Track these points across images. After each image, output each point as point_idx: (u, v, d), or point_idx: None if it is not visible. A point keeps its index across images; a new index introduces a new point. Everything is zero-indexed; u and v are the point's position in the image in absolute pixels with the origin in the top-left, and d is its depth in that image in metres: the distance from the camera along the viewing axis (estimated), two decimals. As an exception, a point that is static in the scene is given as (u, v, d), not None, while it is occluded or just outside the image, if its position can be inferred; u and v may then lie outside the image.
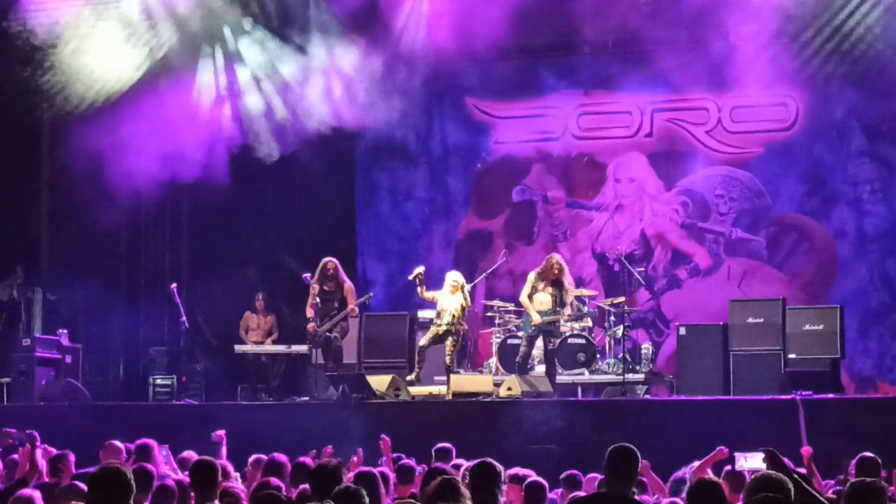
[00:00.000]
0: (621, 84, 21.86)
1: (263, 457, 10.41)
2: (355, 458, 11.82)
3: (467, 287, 18.22)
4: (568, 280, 17.91)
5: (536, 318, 17.58)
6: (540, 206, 22.48)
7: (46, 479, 10.53)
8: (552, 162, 22.47)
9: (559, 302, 17.69)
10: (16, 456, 10.94)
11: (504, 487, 8.44)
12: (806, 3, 19.98)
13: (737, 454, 10.12)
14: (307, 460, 10.52)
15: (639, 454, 7.78)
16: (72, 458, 11.05)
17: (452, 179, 22.88)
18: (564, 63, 22.39)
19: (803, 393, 15.80)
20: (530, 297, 17.73)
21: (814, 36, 20.45)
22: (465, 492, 7.82)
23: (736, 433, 13.60)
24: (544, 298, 17.65)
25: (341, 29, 21.31)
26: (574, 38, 22.09)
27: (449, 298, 17.75)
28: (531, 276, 17.96)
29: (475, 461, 8.25)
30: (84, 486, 8.07)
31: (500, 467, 8.19)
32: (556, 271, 17.71)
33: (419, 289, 17.92)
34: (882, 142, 20.95)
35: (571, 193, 22.41)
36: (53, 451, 11.41)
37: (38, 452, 10.81)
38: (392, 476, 10.43)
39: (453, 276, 17.93)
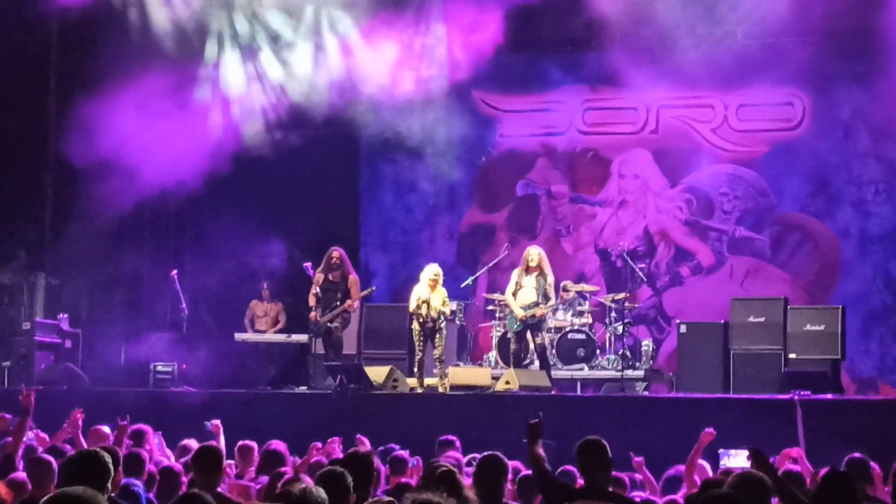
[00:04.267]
0: (627, 80, 21.79)
1: (250, 443, 10.39)
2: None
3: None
4: (549, 270, 17.87)
5: (519, 313, 17.57)
6: (543, 200, 22.46)
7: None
8: (557, 156, 22.46)
9: (543, 295, 17.66)
10: (9, 440, 10.91)
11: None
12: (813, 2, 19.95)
13: (721, 451, 10.08)
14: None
15: (607, 445, 7.77)
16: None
17: (457, 172, 22.85)
18: (571, 58, 22.38)
19: (802, 393, 15.76)
20: (515, 294, 17.72)
21: (821, 35, 20.42)
22: (463, 483, 7.82)
23: (733, 431, 13.56)
24: (529, 293, 17.65)
25: (349, 19, 21.33)
26: (581, 33, 22.08)
27: (431, 293, 17.64)
28: (514, 272, 17.96)
29: (482, 454, 8.22)
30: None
31: (506, 461, 8.17)
32: (533, 260, 17.68)
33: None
34: (888, 143, 20.92)
35: (575, 188, 22.39)
36: (46, 436, 11.41)
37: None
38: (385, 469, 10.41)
39: (434, 270, 17.80)
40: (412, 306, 17.60)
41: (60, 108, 21.61)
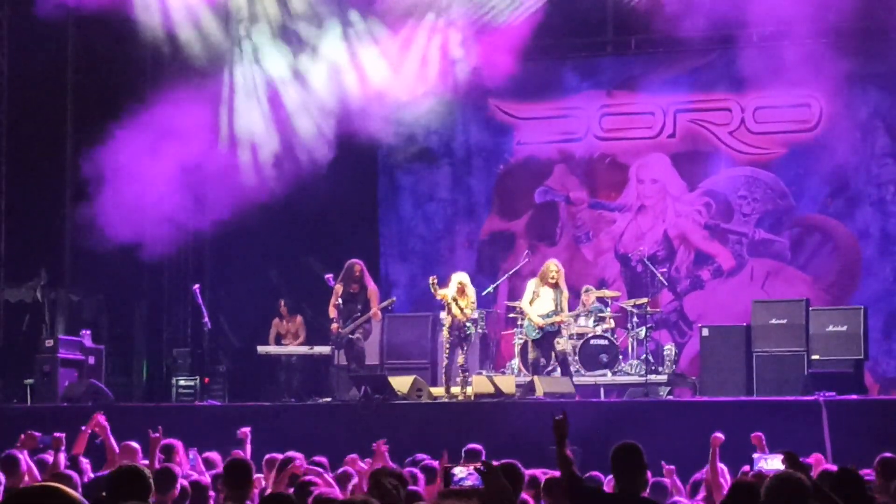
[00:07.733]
0: (644, 85, 21.85)
1: (277, 456, 10.41)
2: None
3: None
4: (564, 286, 17.96)
5: (538, 321, 17.64)
6: (562, 206, 22.45)
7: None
8: (575, 163, 22.44)
9: (559, 305, 17.75)
10: (44, 456, 10.92)
11: None
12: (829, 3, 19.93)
13: (756, 456, 10.07)
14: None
15: (643, 450, 7.77)
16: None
17: (475, 180, 22.87)
18: (587, 64, 22.40)
19: (826, 394, 15.75)
20: (531, 302, 17.80)
21: (838, 36, 20.42)
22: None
23: (758, 434, 13.54)
24: (546, 303, 17.72)
25: (366, 30, 21.40)
26: (597, 38, 22.12)
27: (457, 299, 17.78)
28: (530, 282, 18.08)
29: (500, 462, 8.22)
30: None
31: (522, 469, 8.18)
32: (553, 276, 17.77)
33: (435, 292, 17.93)
34: (906, 142, 20.89)
35: (594, 194, 22.37)
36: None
37: (62, 456, 10.78)
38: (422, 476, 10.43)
39: (459, 277, 17.95)
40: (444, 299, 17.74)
41: (78, 125, 21.70)
